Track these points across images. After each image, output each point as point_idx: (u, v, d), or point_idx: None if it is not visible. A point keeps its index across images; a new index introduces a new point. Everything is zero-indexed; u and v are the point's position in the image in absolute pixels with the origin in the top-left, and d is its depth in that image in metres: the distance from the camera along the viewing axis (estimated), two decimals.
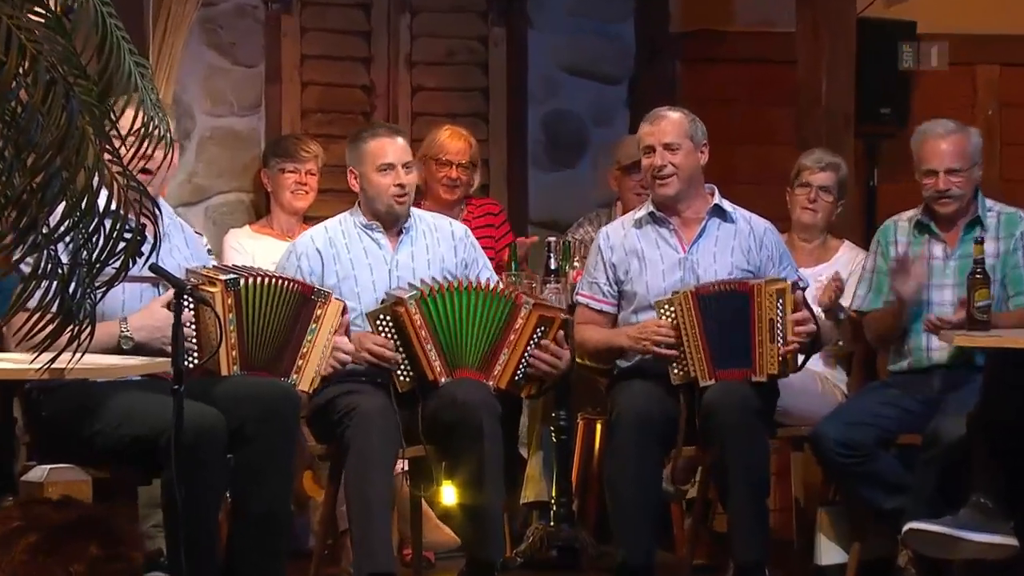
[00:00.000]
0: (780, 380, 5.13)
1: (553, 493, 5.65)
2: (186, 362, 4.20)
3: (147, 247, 3.08)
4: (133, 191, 2.97)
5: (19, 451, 4.44)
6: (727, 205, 5.28)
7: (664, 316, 5.05)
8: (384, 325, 4.93)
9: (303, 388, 4.73)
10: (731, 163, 6.46)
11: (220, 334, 4.49)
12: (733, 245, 5.23)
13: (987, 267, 5.11)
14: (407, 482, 5.18)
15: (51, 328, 2.98)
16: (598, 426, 5.85)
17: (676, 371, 5.05)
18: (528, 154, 6.81)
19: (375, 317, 4.95)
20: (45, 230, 2.91)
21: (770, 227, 5.32)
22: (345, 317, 4.84)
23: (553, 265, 5.56)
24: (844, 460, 5.13)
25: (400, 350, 4.93)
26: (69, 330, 3.00)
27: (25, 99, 2.85)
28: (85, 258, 2.97)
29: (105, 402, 4.36)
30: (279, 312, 4.72)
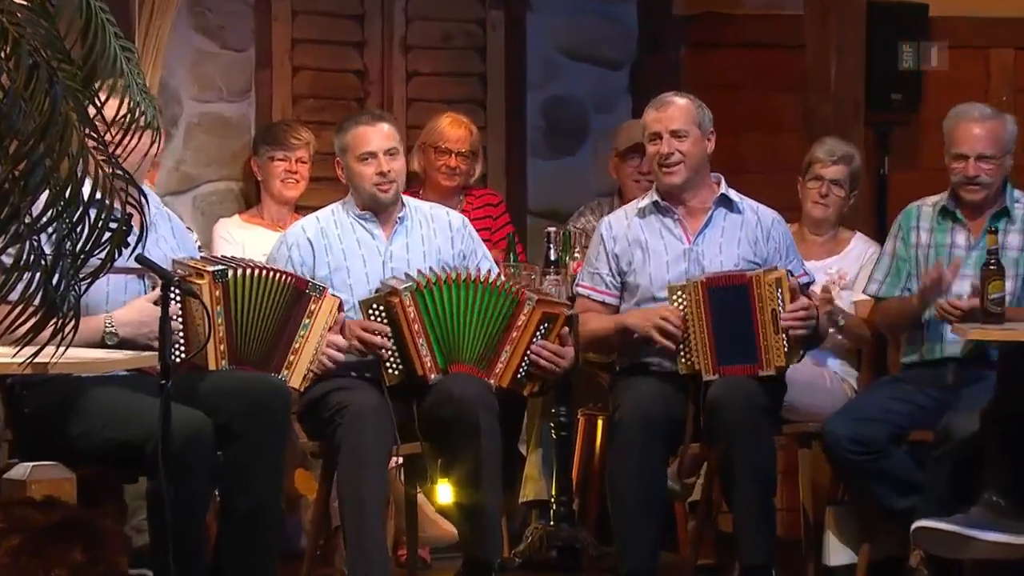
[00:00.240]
0: (787, 375, 5.13)
1: (553, 492, 5.65)
2: (173, 356, 4.20)
3: (133, 237, 3.07)
4: (119, 179, 2.97)
5: (1, 448, 4.44)
6: (734, 195, 5.28)
7: (675, 302, 5.06)
8: (376, 315, 4.93)
9: (294, 385, 4.73)
10: (737, 151, 6.45)
11: (208, 328, 4.49)
12: (740, 236, 5.23)
13: (1011, 260, 5.10)
14: (402, 479, 5.18)
15: (34, 321, 2.97)
16: (599, 422, 5.85)
17: (682, 360, 5.06)
18: (527, 141, 6.80)
19: (367, 306, 4.95)
20: (28, 220, 2.90)
21: (778, 218, 5.31)
22: (340, 314, 4.84)
23: (553, 256, 5.56)
24: (855, 457, 5.13)
25: (390, 341, 4.93)
26: (52, 323, 3.00)
27: (7, 84, 2.84)
28: (69, 249, 2.96)
29: (90, 401, 4.35)
30: (270, 305, 4.72)
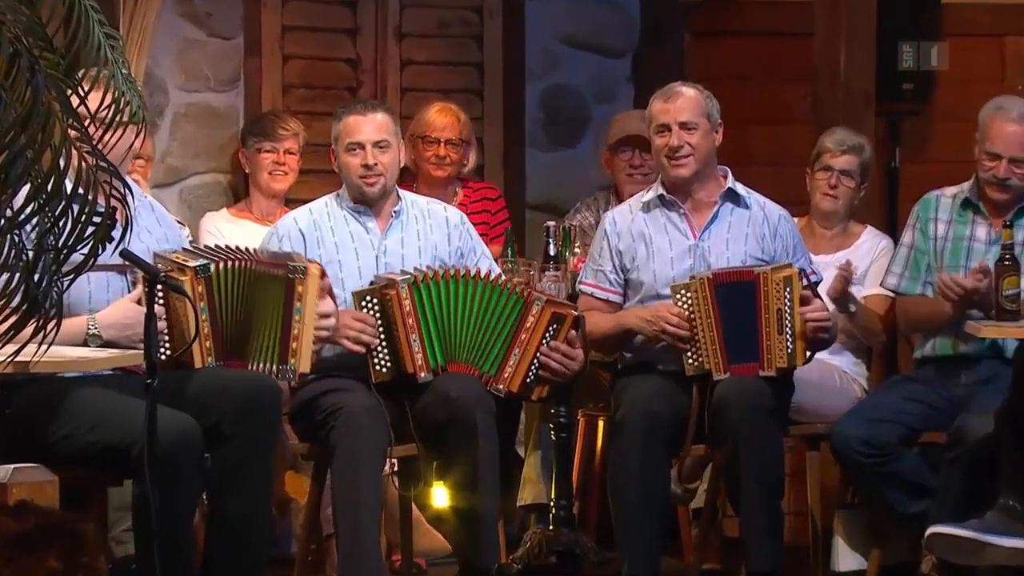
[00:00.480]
0: (795, 374, 5.13)
1: (552, 495, 5.63)
2: (159, 354, 4.19)
3: (117, 232, 3.06)
4: (102, 172, 2.96)
5: None
6: (741, 189, 5.28)
7: (680, 302, 5.05)
8: (369, 307, 4.92)
9: (304, 370, 4.72)
10: (744, 143, 6.44)
11: (195, 324, 4.47)
12: (747, 232, 5.22)
13: None
14: (396, 483, 5.17)
15: (15, 319, 2.96)
16: (600, 423, 5.84)
17: (691, 361, 5.05)
18: (525, 133, 6.79)
19: (361, 297, 4.94)
20: (8, 213, 2.90)
21: (785, 215, 5.30)
22: (325, 280, 4.79)
23: (552, 251, 5.54)
24: (865, 460, 5.12)
25: (381, 335, 4.92)
26: (34, 321, 2.99)
27: None
28: (51, 244, 2.96)
29: (74, 402, 4.34)
30: (254, 297, 4.69)
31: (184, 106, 6.23)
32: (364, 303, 4.93)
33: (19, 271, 2.94)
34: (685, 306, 5.04)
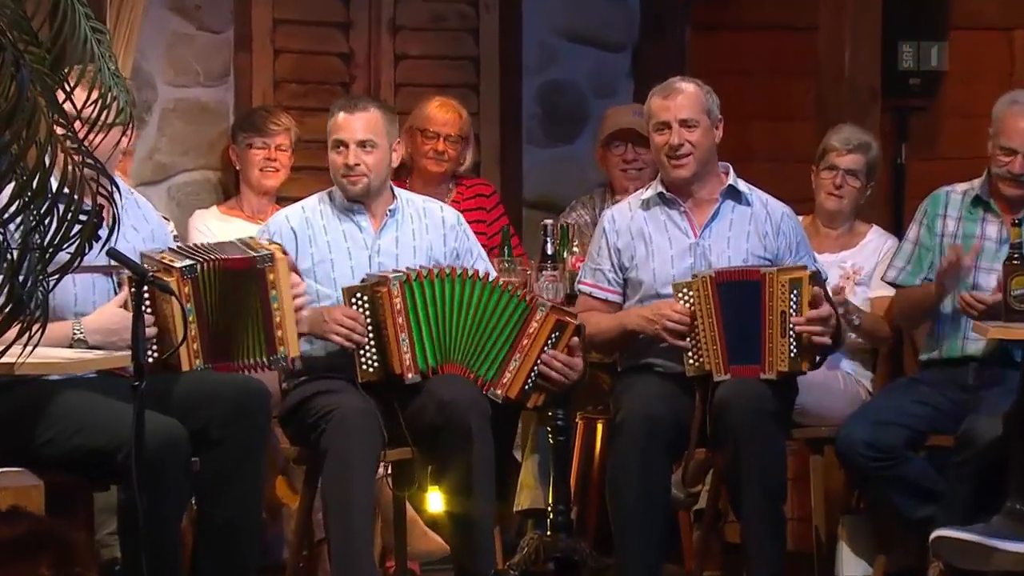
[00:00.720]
0: (799, 376, 5.13)
1: (550, 500, 5.64)
2: (145, 357, 4.19)
3: (104, 231, 3.07)
4: (89, 169, 2.97)
5: None
6: (743, 186, 5.28)
7: (682, 300, 5.06)
8: (359, 303, 4.93)
9: (294, 354, 4.73)
10: (746, 140, 6.45)
11: (183, 326, 4.48)
12: (749, 230, 5.23)
13: None
14: (390, 485, 5.18)
15: None
16: (599, 426, 5.85)
17: (691, 361, 5.06)
18: (523, 129, 6.80)
19: (351, 293, 4.94)
20: None
21: (788, 212, 5.31)
22: (288, 257, 4.79)
23: (550, 250, 5.54)
24: (871, 464, 5.13)
25: (370, 334, 4.92)
26: (18, 322, 2.99)
27: None
28: (37, 243, 2.96)
29: (59, 405, 4.35)
30: (237, 295, 4.69)
31: (173, 102, 6.23)
32: (354, 300, 4.93)
33: (3, 271, 2.94)
34: (688, 304, 5.05)
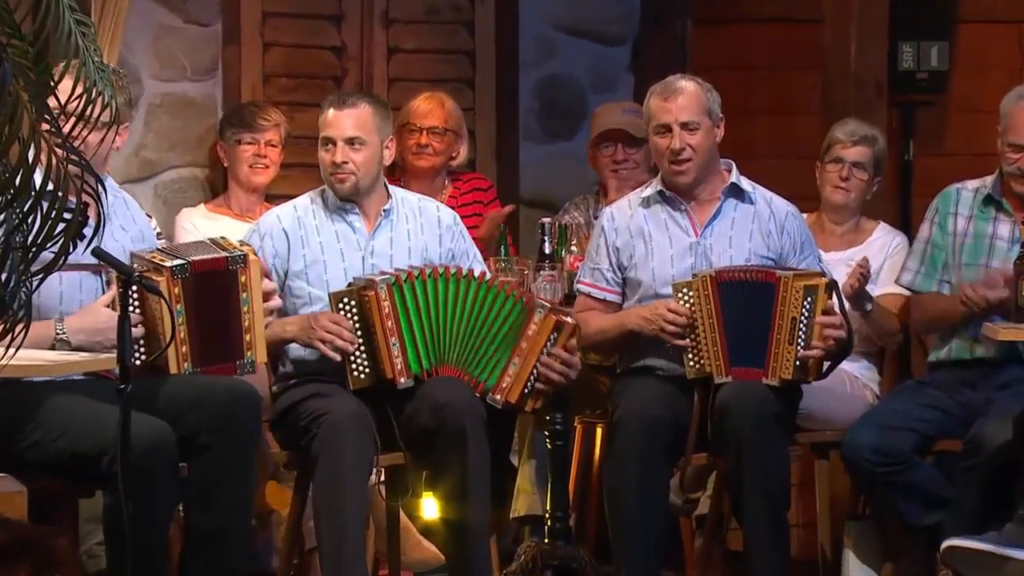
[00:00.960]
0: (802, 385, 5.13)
1: (547, 506, 5.65)
2: (132, 359, 4.18)
3: (89, 229, 3.07)
4: (73, 166, 2.96)
5: None
6: (745, 184, 5.28)
7: (681, 300, 5.06)
8: (347, 309, 4.93)
9: (262, 359, 4.71)
10: (749, 136, 6.45)
11: (172, 328, 4.47)
12: (752, 229, 5.23)
13: None
14: (382, 493, 5.18)
15: None
16: (598, 431, 5.84)
17: (691, 363, 5.06)
18: (519, 125, 6.80)
19: (338, 299, 4.93)
20: None
21: (793, 210, 5.31)
22: (261, 259, 4.78)
23: (547, 249, 5.54)
24: (877, 469, 5.13)
25: (360, 340, 4.92)
26: (1, 323, 2.99)
27: None
28: (19, 241, 2.96)
29: (43, 408, 4.35)
30: (220, 296, 4.68)
31: (159, 96, 6.22)
32: (342, 305, 4.93)
33: None
34: (687, 304, 5.05)
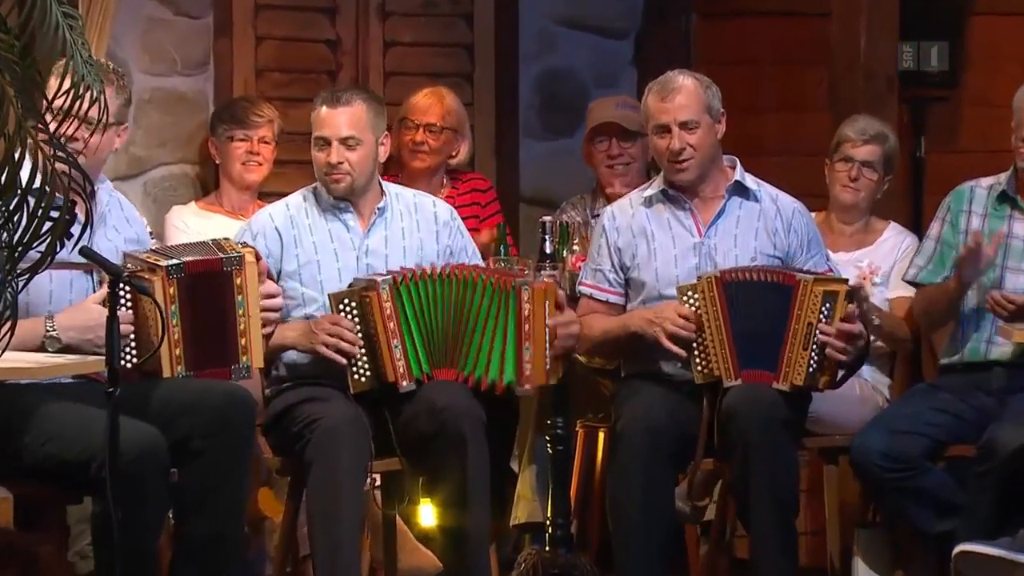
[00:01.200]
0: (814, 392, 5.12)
1: (548, 513, 5.65)
2: (123, 361, 4.19)
3: (77, 228, 3.07)
4: (61, 163, 2.96)
5: None
6: (750, 181, 5.28)
7: (687, 303, 5.05)
8: (348, 310, 4.92)
9: (258, 365, 4.71)
10: (755, 133, 6.46)
11: (162, 329, 4.46)
12: (757, 227, 5.23)
13: None
14: (378, 500, 5.18)
15: None
16: (601, 435, 5.85)
17: (699, 367, 5.05)
18: (519, 121, 6.80)
19: (339, 300, 4.93)
20: None
21: (800, 207, 5.31)
22: (262, 263, 4.78)
23: (548, 249, 5.54)
24: (888, 474, 5.13)
25: (361, 342, 4.92)
26: None
27: None
28: (6, 240, 2.96)
29: (30, 412, 4.34)
30: (216, 297, 4.68)
31: (149, 91, 6.22)
32: (342, 306, 4.93)
33: None
34: (693, 307, 5.04)
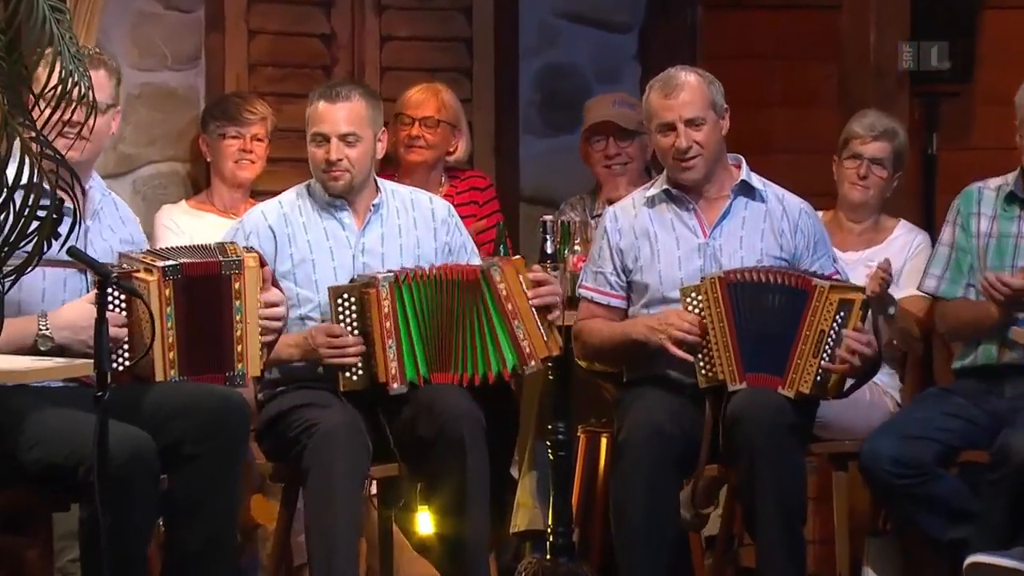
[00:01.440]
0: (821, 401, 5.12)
1: (549, 521, 5.65)
2: (114, 364, 4.18)
3: (65, 227, 3.07)
4: (48, 160, 2.96)
5: None
6: (756, 180, 5.28)
7: (690, 306, 5.05)
8: (345, 306, 4.92)
9: (254, 373, 4.70)
10: (762, 129, 6.46)
11: (153, 332, 4.46)
12: (763, 228, 5.22)
13: None
14: (375, 506, 5.18)
15: None
16: (603, 441, 5.85)
17: (703, 371, 5.05)
18: (519, 117, 6.80)
19: (338, 294, 4.92)
20: None
21: (806, 208, 5.31)
22: (266, 269, 4.76)
23: (549, 249, 5.52)
24: (898, 481, 5.13)
25: (363, 348, 4.91)
26: None
27: None
28: None
29: (17, 415, 4.34)
30: (213, 301, 4.67)
31: (138, 87, 6.22)
32: (341, 301, 4.92)
33: None
34: (697, 309, 5.04)
